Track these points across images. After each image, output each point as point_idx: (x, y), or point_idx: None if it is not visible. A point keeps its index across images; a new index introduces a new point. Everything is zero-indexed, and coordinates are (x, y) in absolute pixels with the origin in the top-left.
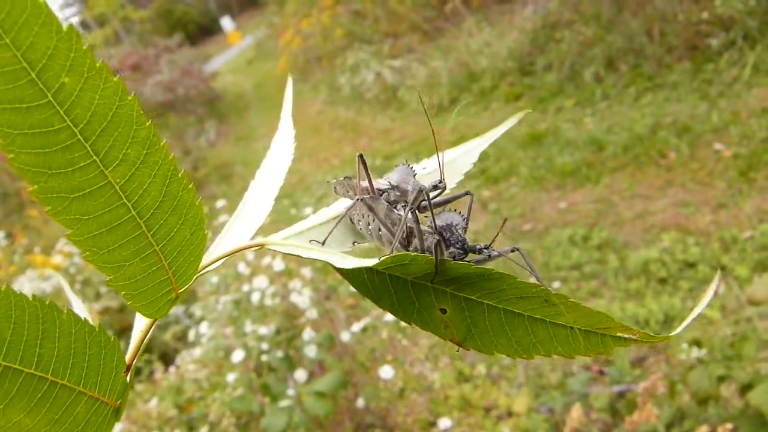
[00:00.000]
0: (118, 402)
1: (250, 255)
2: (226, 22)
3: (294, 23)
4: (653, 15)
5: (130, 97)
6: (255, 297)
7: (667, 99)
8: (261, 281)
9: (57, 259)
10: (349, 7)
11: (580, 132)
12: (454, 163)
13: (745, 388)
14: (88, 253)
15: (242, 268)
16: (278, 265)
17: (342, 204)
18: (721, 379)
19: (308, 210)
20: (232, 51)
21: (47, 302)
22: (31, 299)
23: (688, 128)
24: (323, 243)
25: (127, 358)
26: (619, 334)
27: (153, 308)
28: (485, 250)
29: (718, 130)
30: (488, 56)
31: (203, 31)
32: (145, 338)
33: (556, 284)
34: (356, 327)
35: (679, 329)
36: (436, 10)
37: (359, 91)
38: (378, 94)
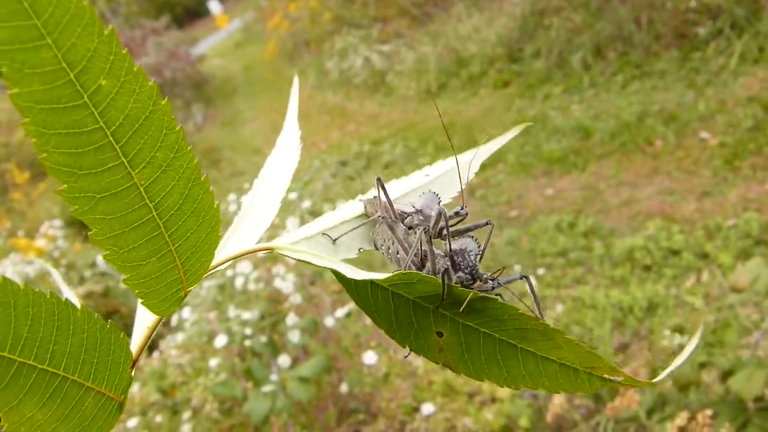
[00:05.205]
0: (122, 397)
1: None
2: (214, 5)
3: (282, 7)
4: (641, 3)
5: (163, 102)
6: (239, 282)
7: (654, 87)
8: (245, 266)
9: (41, 242)
10: None
11: (568, 119)
12: (451, 173)
13: (726, 374)
14: (108, 252)
15: None
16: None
17: (349, 209)
18: (703, 365)
19: (293, 195)
20: (220, 34)
21: (63, 299)
22: (48, 296)
23: (675, 116)
24: (334, 241)
25: (133, 353)
26: (605, 375)
27: (163, 306)
28: (491, 282)
29: (704, 118)
30: (477, 42)
31: (190, 14)
32: (151, 335)
33: (541, 270)
34: (340, 312)
35: (660, 377)
36: None
37: (347, 76)
38: (366, 79)
